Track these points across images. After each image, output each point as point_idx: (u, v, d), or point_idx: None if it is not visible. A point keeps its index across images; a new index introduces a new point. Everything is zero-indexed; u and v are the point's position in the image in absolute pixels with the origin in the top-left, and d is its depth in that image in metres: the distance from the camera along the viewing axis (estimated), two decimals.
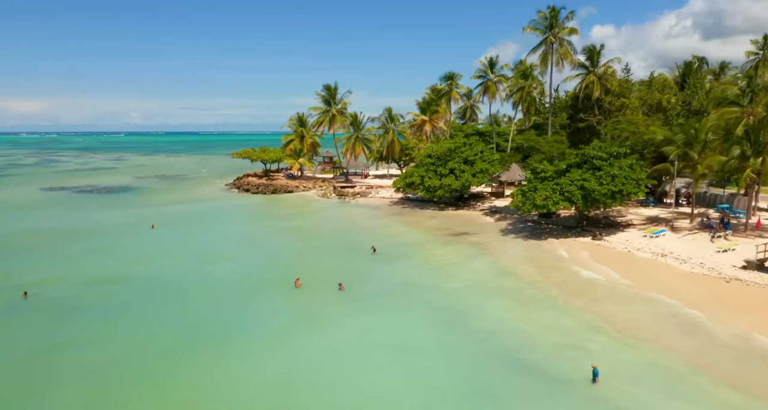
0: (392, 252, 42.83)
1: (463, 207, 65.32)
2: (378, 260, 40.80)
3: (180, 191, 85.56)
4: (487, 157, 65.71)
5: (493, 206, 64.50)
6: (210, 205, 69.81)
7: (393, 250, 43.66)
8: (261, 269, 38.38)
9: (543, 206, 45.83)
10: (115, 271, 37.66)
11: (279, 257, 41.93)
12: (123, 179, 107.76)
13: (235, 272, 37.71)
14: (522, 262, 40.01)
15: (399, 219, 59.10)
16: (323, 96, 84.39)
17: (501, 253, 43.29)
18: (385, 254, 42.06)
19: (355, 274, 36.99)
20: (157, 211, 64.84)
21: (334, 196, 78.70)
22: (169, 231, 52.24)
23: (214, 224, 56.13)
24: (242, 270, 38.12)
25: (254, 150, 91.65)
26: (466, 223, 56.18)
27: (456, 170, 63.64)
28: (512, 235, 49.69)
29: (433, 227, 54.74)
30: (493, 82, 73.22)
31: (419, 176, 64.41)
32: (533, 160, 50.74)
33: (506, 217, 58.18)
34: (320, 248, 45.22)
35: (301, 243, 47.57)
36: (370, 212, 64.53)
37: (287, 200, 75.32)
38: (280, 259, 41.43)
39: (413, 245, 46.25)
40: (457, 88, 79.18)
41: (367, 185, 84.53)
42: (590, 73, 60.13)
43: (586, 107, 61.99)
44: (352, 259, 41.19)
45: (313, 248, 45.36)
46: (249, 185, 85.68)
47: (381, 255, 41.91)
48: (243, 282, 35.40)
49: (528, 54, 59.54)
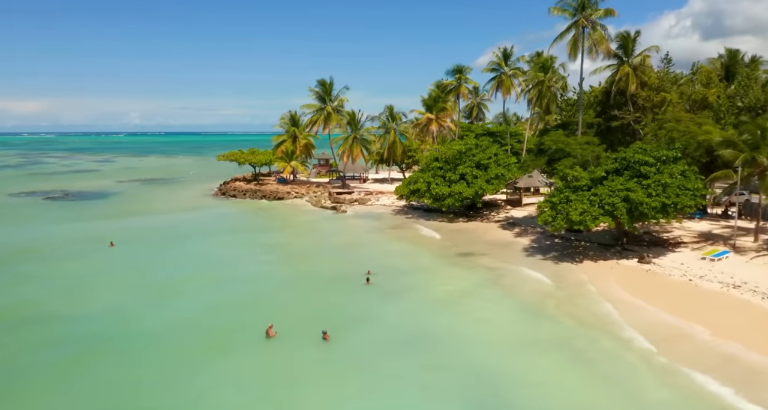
0: (391, 282, 34.54)
1: (476, 218, 56.96)
2: (374, 294, 32.50)
3: (159, 198, 77.23)
4: (503, 160, 57.38)
5: (510, 217, 56.10)
6: (188, 216, 61.51)
7: (392, 278, 35.39)
8: (228, 309, 30.08)
9: (579, 222, 37.48)
10: (34, 311, 29.34)
11: (253, 290, 33.59)
12: (102, 183, 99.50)
13: (194, 313, 29.44)
14: (558, 300, 31.60)
15: (401, 234, 50.75)
16: (317, 92, 76.02)
17: (526, 283, 34.82)
18: (383, 285, 33.76)
19: (346, 315, 28.76)
20: (125, 223, 56.58)
21: (328, 203, 70.32)
22: (130, 251, 43.97)
23: (186, 242, 47.83)
24: (203, 310, 29.85)
25: (242, 152, 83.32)
26: (480, 239, 47.83)
27: (467, 175, 55.33)
28: (537, 256, 41.31)
29: (440, 244, 46.42)
30: (507, 75, 64.91)
31: (425, 182, 56.10)
32: (562, 165, 42.36)
33: (527, 231, 49.81)
34: (305, 275, 36.90)
35: (282, 268, 39.21)
36: (368, 223, 56.19)
37: (276, 208, 66.97)
38: (255, 292, 33.09)
39: (417, 271, 37.87)
40: (466, 82, 70.78)
41: (366, 190, 76.20)
42: (624, 63, 51.68)
43: (619, 103, 53.55)
44: (343, 292, 32.88)
45: (296, 275, 37.02)
46: (236, 191, 77.40)
47: (378, 286, 33.62)
48: (202, 329, 27.14)
49: (554, 41, 50.96)
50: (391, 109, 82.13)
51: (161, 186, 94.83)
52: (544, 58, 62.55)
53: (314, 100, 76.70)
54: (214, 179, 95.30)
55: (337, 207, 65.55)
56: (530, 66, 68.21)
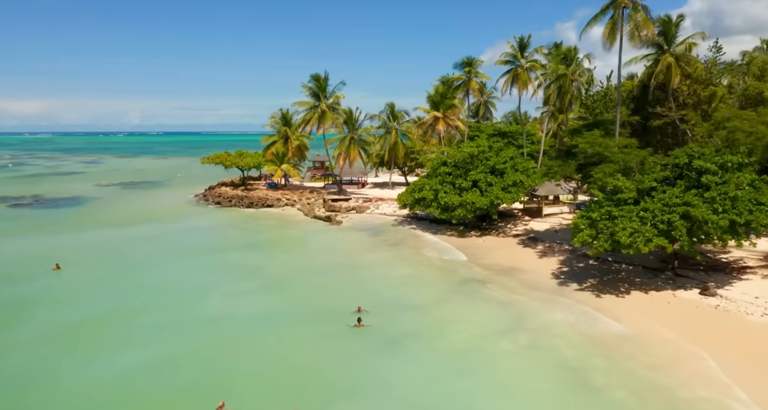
0: (389, 324, 27.04)
1: (490, 231, 49.35)
2: (366, 343, 25.03)
3: (134, 206, 69.71)
4: (521, 165, 49.75)
5: (530, 230, 48.46)
6: (160, 228, 53.94)
7: (390, 317, 27.90)
8: (174, 370, 22.55)
9: (629, 245, 29.89)
10: None
11: (215, 337, 26.03)
12: (80, 187, 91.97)
13: (129, 374, 21.91)
14: (607, 360, 24.00)
15: (402, 253, 43.17)
16: (311, 89, 68.38)
17: (559, 329, 27.23)
18: (378, 330, 26.24)
19: (326, 381, 21.27)
20: (85, 238, 49.13)
21: (322, 212, 62.73)
22: (77, 276, 36.47)
23: (149, 264, 40.28)
24: (142, 370, 22.32)
25: (228, 154, 75.68)
26: (497, 259, 40.21)
27: (480, 182, 47.74)
28: (570, 284, 33.72)
29: (449, 266, 38.77)
30: (524, 69, 57.16)
31: (432, 189, 48.54)
32: (600, 172, 34.74)
33: (553, 249, 42.21)
34: (283, 313, 29.33)
35: (257, 303, 31.53)
36: (366, 238, 48.59)
37: (262, 219, 59.35)
38: (217, 341, 25.53)
39: (420, 308, 30.17)
40: (476, 77, 63.06)
41: (365, 196, 68.62)
42: (665, 53, 44.03)
43: (658, 98, 45.93)
44: (326, 341, 25.30)
45: (272, 313, 29.43)
46: (220, 197, 69.83)
47: (371, 331, 26.09)
48: (129, 403, 19.62)
49: (587, 25, 42.72)
50: (392, 107, 74.60)
51: (142, 191, 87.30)
52: (566, 49, 54.86)
53: (307, 97, 69.09)
54: (201, 182, 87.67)
55: (332, 217, 57.95)
56: (548, 58, 60.50)
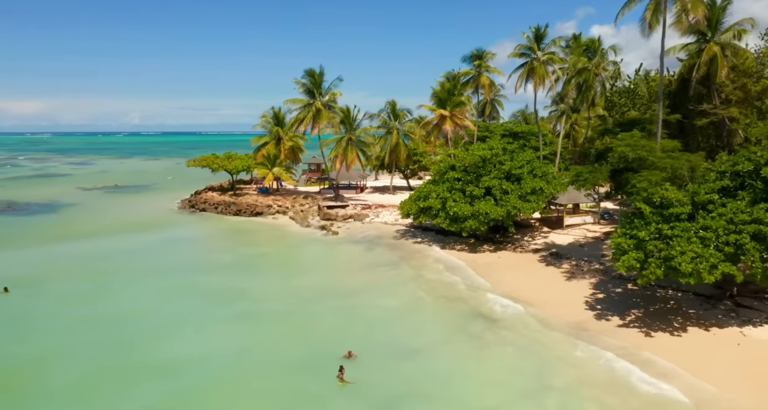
0: (383, 376, 21.44)
1: (505, 245, 43.62)
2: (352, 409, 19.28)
3: (114, 213, 63.95)
4: (540, 169, 44.00)
5: (551, 244, 42.71)
6: (135, 240, 48.15)
7: (384, 368, 22.31)
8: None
9: (690, 274, 24.16)
10: None
11: (167, 396, 20.25)
12: (61, 191, 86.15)
13: None
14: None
15: (404, 273, 37.32)
16: (305, 85, 62.63)
17: (598, 385, 21.46)
18: (369, 387, 20.52)
19: None
20: (49, 252, 43.56)
21: (317, 221, 57.01)
22: (23, 302, 30.85)
23: (110, 286, 34.56)
24: None
25: (215, 157, 69.86)
26: (516, 282, 34.39)
27: (495, 189, 42.01)
28: (610, 316, 28.00)
29: (458, 292, 32.81)
30: (540, 62, 51.43)
31: (440, 197, 42.82)
32: (644, 181, 28.97)
33: (581, 268, 36.45)
34: (256, 355, 23.65)
35: (227, 340, 25.74)
36: (363, 254, 42.76)
37: (250, 229, 53.50)
38: (166, 403, 19.77)
39: (421, 353, 24.34)
40: (488, 71, 57.19)
41: (363, 203, 62.87)
42: (709, 41, 38.29)
43: (700, 94, 40.21)
44: (304, 404, 19.53)
45: (242, 356, 23.67)
46: (206, 204, 64.06)
47: (360, 389, 20.33)
48: None
49: (624, 6, 36.41)
50: (393, 105, 68.81)
51: (125, 195, 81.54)
52: (588, 40, 49.15)
53: (301, 94, 63.37)
54: (190, 185, 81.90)
55: (327, 227, 52.22)
56: (565, 51, 54.80)
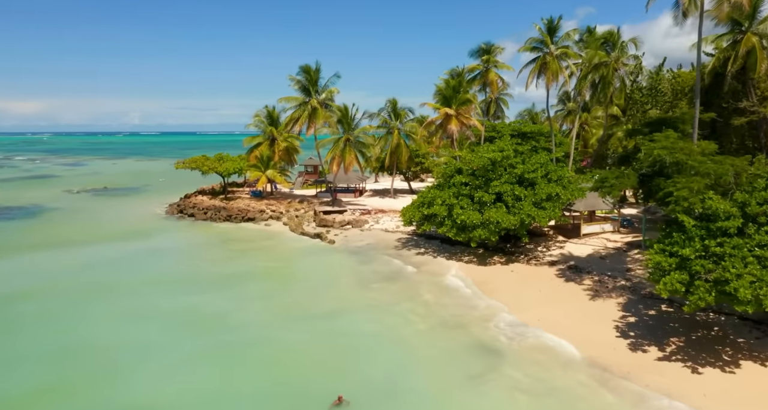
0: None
1: (517, 256, 39.69)
2: None
3: (96, 218, 60.05)
4: (555, 173, 40.03)
5: (568, 256, 38.76)
6: (111, 251, 44.15)
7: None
8: None
9: (748, 301, 20.22)
10: None
11: None
12: (46, 194, 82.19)
13: None
14: None
15: (405, 290, 33.18)
16: (300, 82, 58.66)
17: None
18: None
19: None
20: (13, 265, 39.54)
21: (312, 227, 53.09)
22: None
23: (74, 308, 30.60)
24: None
25: (205, 158, 65.89)
26: (534, 304, 30.41)
27: (506, 195, 38.09)
28: (646, 347, 24.06)
29: (462, 317, 28.51)
30: (553, 56, 47.47)
31: (445, 204, 38.88)
32: (683, 188, 24.99)
33: (606, 285, 32.48)
34: (231, 400, 19.64)
35: (200, 378, 21.75)
36: (361, 267, 38.66)
37: (239, 237, 49.45)
38: None
39: (421, 399, 20.46)
40: (496, 67, 53.19)
41: (362, 208, 58.94)
42: (746, 32, 34.37)
43: (735, 90, 36.31)
44: None
45: (216, 399, 19.71)
46: (195, 209, 60.06)
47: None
48: None
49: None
50: (393, 104, 64.89)
51: (112, 199, 77.58)
52: (606, 32, 45.20)
53: (296, 91, 59.42)
54: (182, 188, 77.67)
55: (322, 235, 48.26)
56: (579, 46, 50.92)
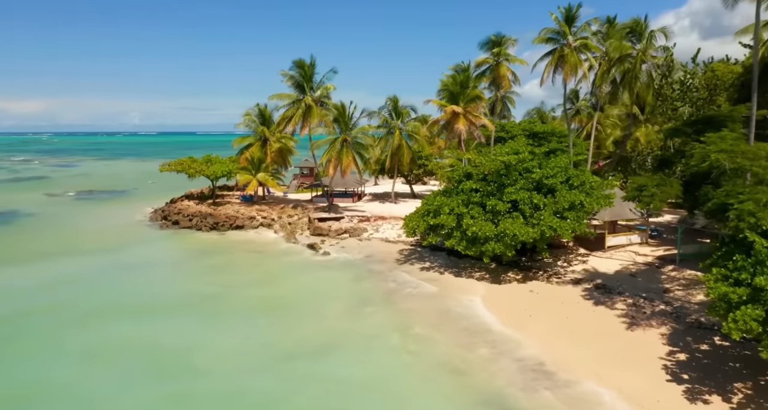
0: None
1: (535, 272, 35.13)
2: None
3: (74, 226, 55.51)
4: (577, 178, 35.34)
5: (593, 272, 34.19)
6: (80, 265, 39.53)
7: None
8: None
9: None
10: None
11: None
12: (28, 197, 77.61)
13: None
14: None
15: (402, 318, 28.69)
16: (293, 78, 54.04)
17: None
18: None
19: None
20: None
21: (305, 236, 48.55)
22: None
23: (15, 343, 25.97)
24: None
25: (192, 160, 61.33)
26: (554, 338, 25.81)
27: (523, 203, 33.53)
28: (705, 393, 19.49)
29: (468, 355, 23.86)
30: (572, 48, 42.93)
31: (453, 213, 34.32)
32: (748, 200, 20.40)
33: (642, 310, 27.90)
34: None
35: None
36: (352, 286, 33.85)
37: (222, 249, 44.77)
38: None
39: None
40: (507, 60, 48.53)
41: (361, 214, 54.34)
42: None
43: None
44: None
45: None
46: (179, 215, 55.42)
47: None
48: None
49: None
50: (395, 101, 60.31)
51: (95, 203, 72.96)
52: (632, 21, 40.57)
53: (289, 88, 54.84)
54: (171, 191, 72.99)
55: (316, 245, 43.71)
56: (597, 38, 46.39)
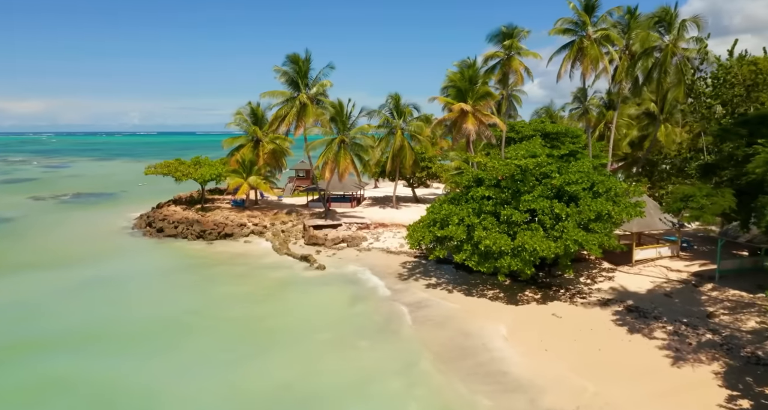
0: None
1: (556, 290, 31.17)
2: None
3: (50, 234, 51.64)
4: (602, 185, 31.28)
5: (621, 291, 30.23)
6: (46, 282, 35.52)
7: None
8: None
9: None
10: None
11: None
12: (11, 201, 73.81)
13: None
14: None
15: (404, 354, 24.69)
16: (287, 73, 50.07)
17: None
18: None
19: None
20: None
21: (300, 245, 44.66)
22: None
23: None
24: None
25: (179, 163, 57.33)
26: (590, 382, 21.88)
27: (543, 213, 29.59)
28: None
29: (500, 405, 20.10)
30: (591, 40, 38.96)
31: (463, 224, 30.36)
32: None
33: (687, 342, 23.91)
34: None
35: None
36: (348, 310, 29.77)
37: (207, 262, 40.65)
38: None
39: None
40: (520, 54, 44.37)
41: (360, 220, 50.37)
42: None
43: None
44: None
45: None
46: (164, 222, 51.42)
47: None
48: None
49: None
50: (396, 99, 56.26)
51: (79, 207, 68.98)
52: (661, 10, 36.56)
53: (283, 85, 50.86)
54: (161, 194, 68.91)
55: (311, 258, 39.69)
56: (617, 25, 42.49)
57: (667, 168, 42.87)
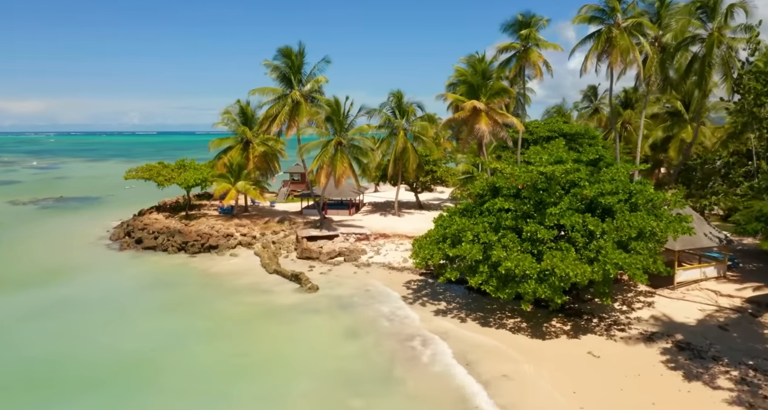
0: None
1: (588, 321, 26.52)
2: None
3: (20, 245, 47.19)
4: (640, 196, 26.57)
5: (665, 321, 25.60)
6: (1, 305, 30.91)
7: None
8: None
9: None
10: None
11: None
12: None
13: None
14: None
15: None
16: (279, 68, 45.49)
17: None
18: None
19: None
20: None
21: (291, 259, 40.06)
22: None
23: None
24: None
25: (163, 166, 52.64)
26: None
27: (573, 229, 24.94)
28: None
29: None
30: (621, 30, 34.29)
31: (478, 241, 25.73)
32: None
33: (760, 393, 19.26)
34: None
35: None
36: (345, 348, 24.98)
37: (186, 280, 35.92)
38: None
39: None
40: (538, 46, 39.60)
41: (359, 230, 45.70)
42: None
43: None
44: None
45: None
46: (144, 232, 46.74)
47: None
48: None
49: None
50: (399, 98, 51.48)
51: (58, 214, 64.31)
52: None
53: (274, 81, 46.24)
54: (149, 199, 64.45)
55: (302, 277, 34.90)
56: (648, 14, 37.90)
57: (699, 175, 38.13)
